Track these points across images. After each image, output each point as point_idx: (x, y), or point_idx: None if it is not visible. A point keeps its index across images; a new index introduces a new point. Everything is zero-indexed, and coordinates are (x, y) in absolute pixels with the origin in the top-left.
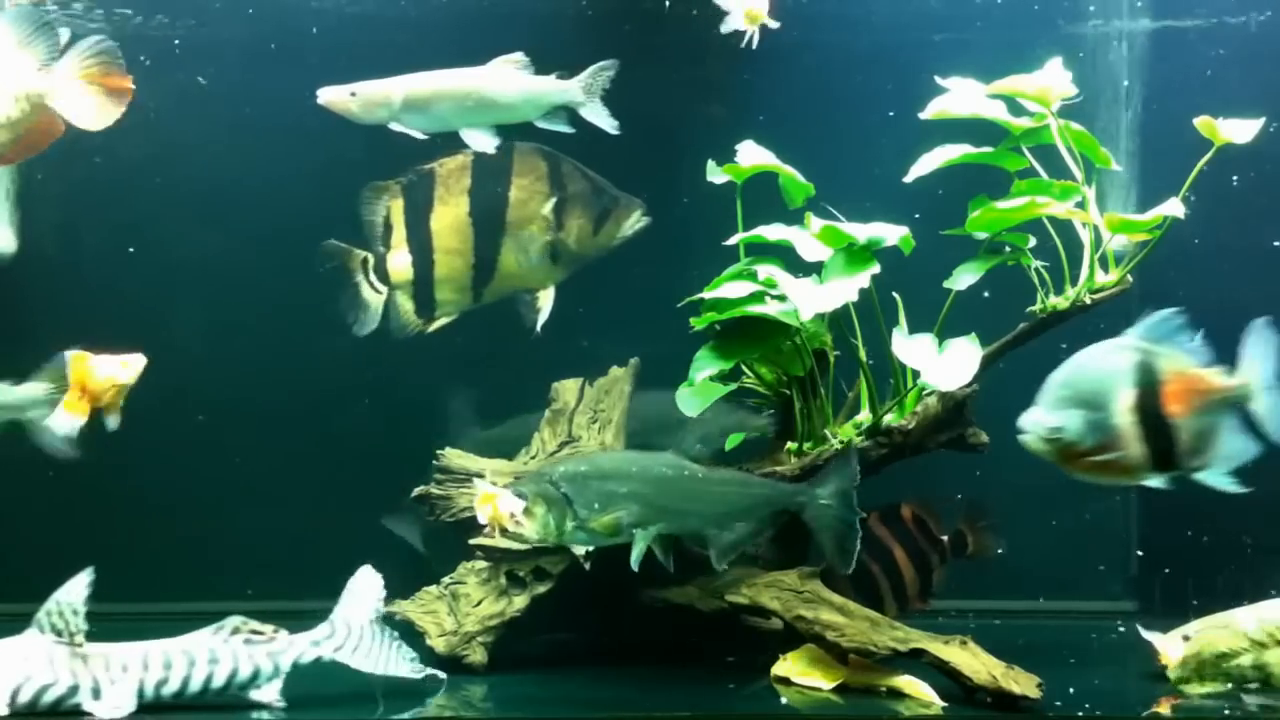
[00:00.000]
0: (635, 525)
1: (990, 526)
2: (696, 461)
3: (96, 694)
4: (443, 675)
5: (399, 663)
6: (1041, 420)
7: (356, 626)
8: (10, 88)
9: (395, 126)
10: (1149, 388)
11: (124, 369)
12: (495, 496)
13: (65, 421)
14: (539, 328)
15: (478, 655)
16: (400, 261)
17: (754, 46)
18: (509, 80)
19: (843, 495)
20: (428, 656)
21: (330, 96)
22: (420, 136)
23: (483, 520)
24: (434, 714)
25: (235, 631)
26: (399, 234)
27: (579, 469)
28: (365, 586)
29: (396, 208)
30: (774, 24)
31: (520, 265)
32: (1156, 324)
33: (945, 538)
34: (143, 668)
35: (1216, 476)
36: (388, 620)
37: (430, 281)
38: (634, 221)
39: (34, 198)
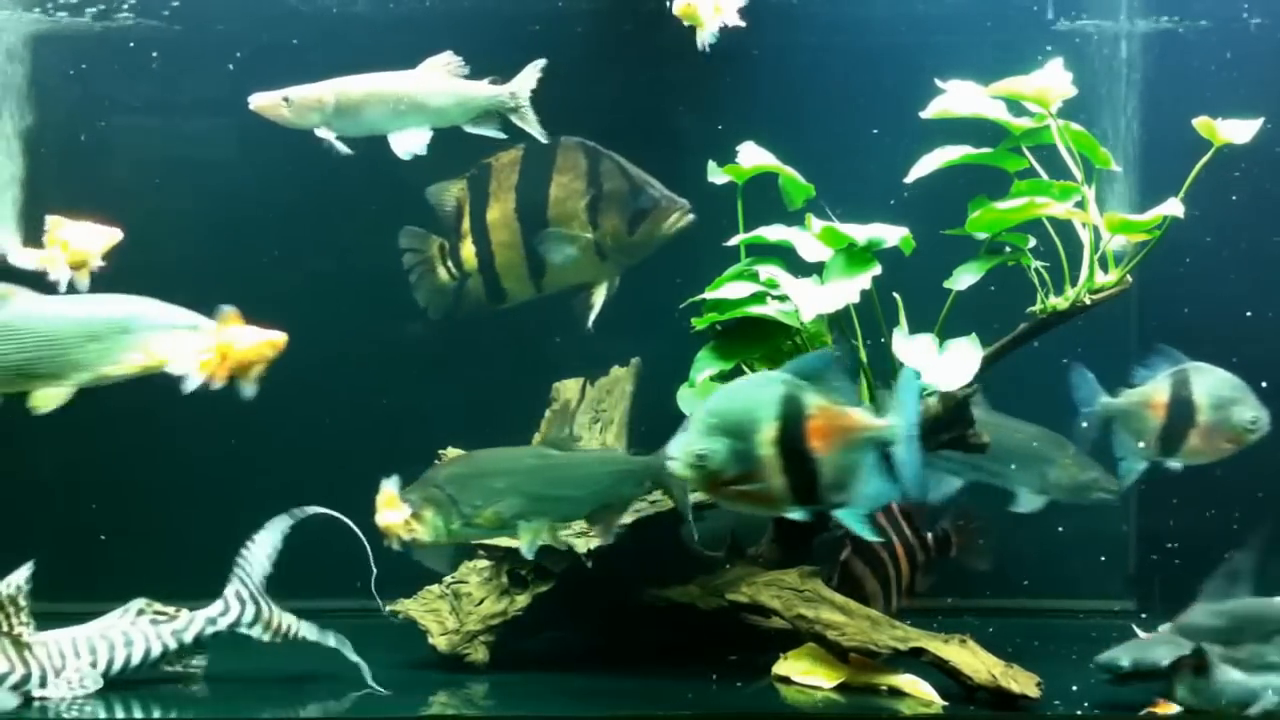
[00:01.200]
0: (518, 516)
1: (977, 529)
2: (561, 449)
3: (43, 681)
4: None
5: (303, 627)
6: (688, 446)
7: (249, 599)
8: None
9: (321, 132)
10: (794, 422)
11: (272, 346)
12: (392, 505)
13: (194, 376)
14: (590, 324)
15: (479, 654)
16: (468, 250)
17: (707, 49)
18: (441, 84)
19: None
20: (429, 655)
21: (262, 101)
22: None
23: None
24: (436, 712)
25: (140, 613)
26: (465, 224)
27: (460, 470)
28: (253, 558)
29: (464, 199)
30: (734, 22)
31: (564, 261)
32: (808, 361)
33: (929, 535)
34: (75, 654)
35: (852, 516)
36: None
37: (494, 271)
38: (674, 222)
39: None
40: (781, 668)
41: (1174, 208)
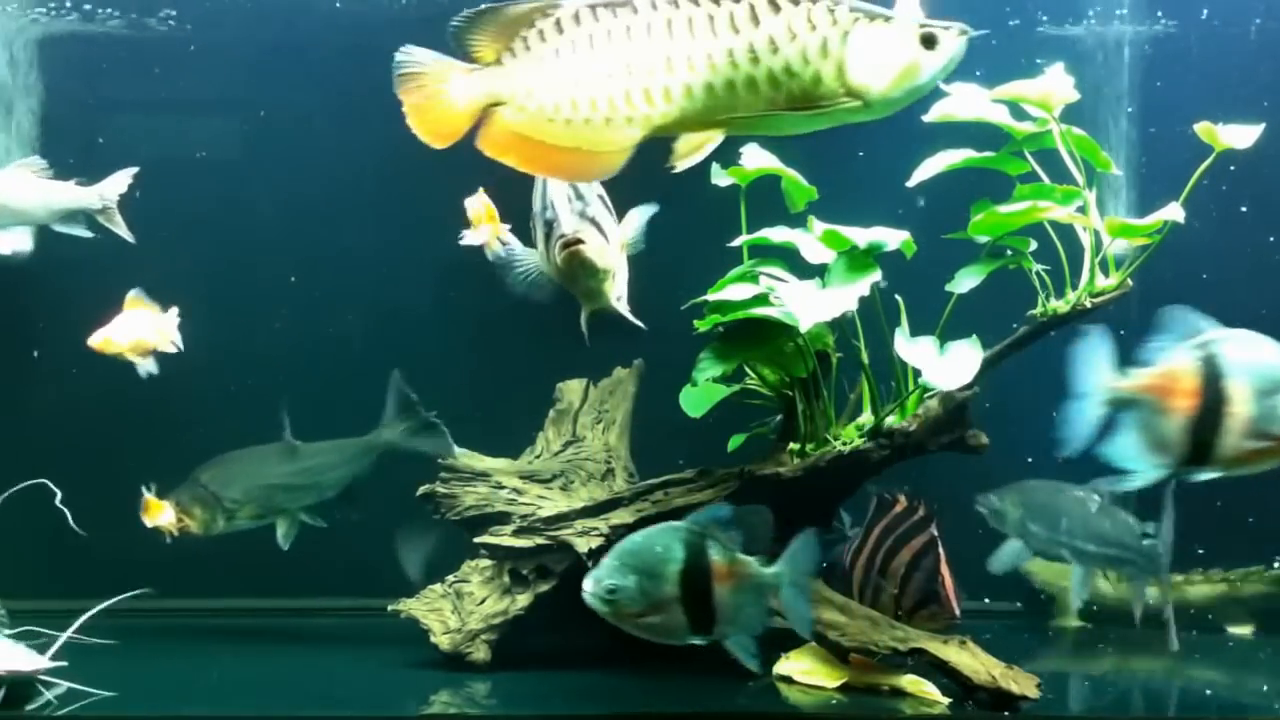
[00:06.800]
0: (272, 507)
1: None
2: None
3: None
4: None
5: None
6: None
7: None
8: None
9: None
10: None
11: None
12: (157, 510)
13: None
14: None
15: (481, 653)
16: None
17: None
18: (24, 186)
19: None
20: (431, 654)
21: None
22: None
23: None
24: (438, 711)
25: None
26: None
27: (219, 470)
28: None
29: None
30: None
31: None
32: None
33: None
34: None
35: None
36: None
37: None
38: (560, 257)
39: None
40: (782, 667)
41: (1174, 212)
